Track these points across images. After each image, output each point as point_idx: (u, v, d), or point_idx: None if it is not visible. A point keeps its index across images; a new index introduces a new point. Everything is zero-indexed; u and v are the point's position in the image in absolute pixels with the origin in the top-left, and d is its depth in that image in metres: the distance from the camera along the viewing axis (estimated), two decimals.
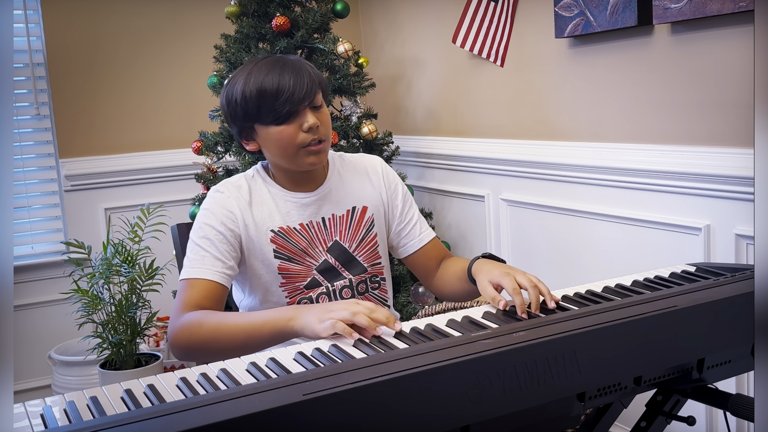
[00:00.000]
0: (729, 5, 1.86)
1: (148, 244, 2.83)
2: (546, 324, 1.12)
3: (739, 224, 1.97)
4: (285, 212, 1.60)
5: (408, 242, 1.72)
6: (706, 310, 1.19)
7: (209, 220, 1.55)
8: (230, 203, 1.57)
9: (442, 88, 3.14)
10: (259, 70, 1.51)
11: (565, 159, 2.48)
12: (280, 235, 1.59)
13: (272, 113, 1.49)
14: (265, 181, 1.62)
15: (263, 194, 1.61)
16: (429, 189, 3.26)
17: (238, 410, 0.86)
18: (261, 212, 1.59)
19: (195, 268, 1.51)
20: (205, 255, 1.52)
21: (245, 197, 1.59)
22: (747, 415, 1.23)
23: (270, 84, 1.49)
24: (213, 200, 1.58)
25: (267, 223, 1.58)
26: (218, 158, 2.88)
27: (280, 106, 1.48)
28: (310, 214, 1.62)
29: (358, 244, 1.65)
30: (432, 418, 0.96)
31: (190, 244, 1.56)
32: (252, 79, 1.50)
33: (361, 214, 1.66)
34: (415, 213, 1.74)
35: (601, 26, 2.23)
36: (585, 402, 1.10)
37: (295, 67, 1.52)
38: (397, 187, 1.72)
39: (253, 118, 1.52)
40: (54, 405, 0.99)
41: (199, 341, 1.40)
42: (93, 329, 2.84)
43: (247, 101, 1.50)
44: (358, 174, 1.70)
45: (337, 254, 1.63)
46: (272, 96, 1.48)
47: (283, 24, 2.70)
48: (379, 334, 1.20)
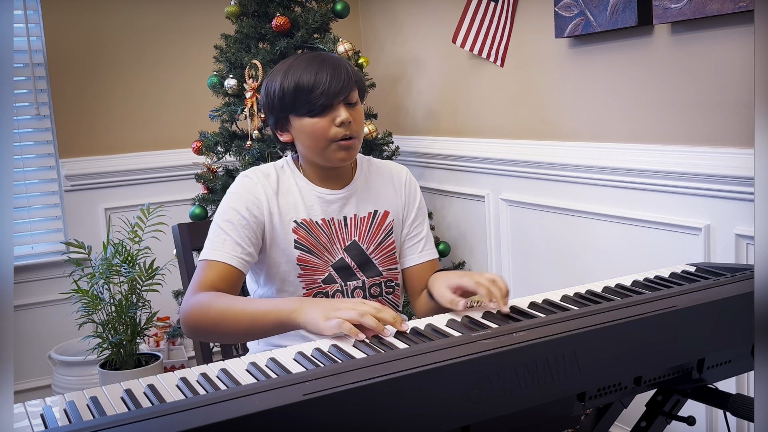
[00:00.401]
0: (729, 5, 1.86)
1: (148, 244, 2.83)
2: (546, 324, 1.12)
3: (739, 224, 1.97)
4: (309, 205, 1.62)
5: (408, 255, 1.72)
6: (706, 310, 1.19)
7: (235, 204, 1.58)
8: (257, 189, 1.59)
9: (442, 88, 3.14)
10: (299, 64, 1.56)
11: (565, 159, 2.48)
12: (303, 227, 1.61)
13: (307, 105, 1.53)
14: (294, 173, 1.65)
15: (290, 185, 1.63)
16: (429, 189, 3.25)
17: (238, 410, 0.86)
18: (286, 202, 1.61)
19: (215, 250, 1.54)
20: (226, 238, 1.54)
21: (273, 185, 1.61)
22: (747, 415, 1.23)
23: (308, 77, 1.53)
24: (241, 184, 1.61)
25: (291, 214, 1.61)
26: (218, 158, 2.87)
27: (316, 98, 1.52)
28: (333, 211, 1.64)
29: (375, 248, 1.66)
30: (432, 418, 0.96)
31: (213, 226, 1.58)
32: (291, 72, 1.55)
33: (382, 218, 1.68)
34: (425, 230, 1.74)
35: (601, 26, 2.23)
36: (585, 402, 1.10)
37: (333, 64, 1.56)
38: (416, 199, 1.74)
39: (289, 109, 1.56)
40: (54, 405, 0.99)
41: (208, 322, 1.43)
42: (93, 329, 2.84)
43: (285, 93, 1.55)
44: (384, 179, 1.72)
45: (354, 254, 1.64)
46: (309, 89, 1.53)
47: (283, 24, 2.70)
48: (387, 336, 1.19)
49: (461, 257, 3.11)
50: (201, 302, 1.46)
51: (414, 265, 1.71)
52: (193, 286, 1.51)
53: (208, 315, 1.44)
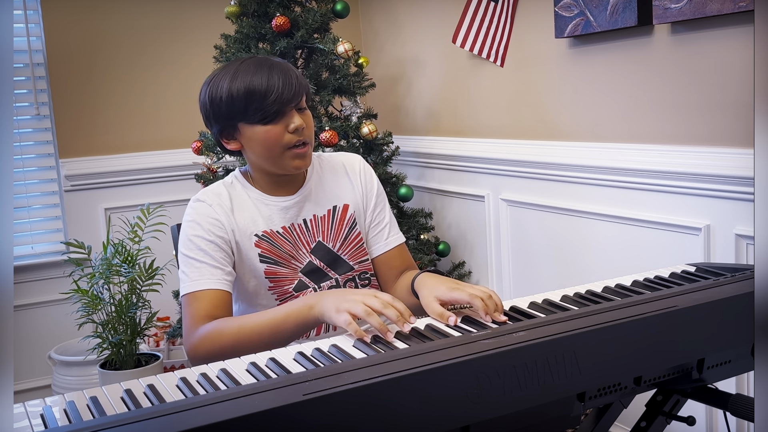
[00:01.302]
0: (729, 5, 1.86)
1: (148, 244, 2.83)
2: (546, 324, 1.12)
3: (739, 224, 1.97)
4: (267, 216, 1.58)
5: (374, 245, 1.68)
6: (706, 310, 1.19)
7: (196, 231, 1.53)
8: (213, 211, 1.55)
9: (442, 88, 3.14)
10: (246, 69, 1.50)
11: (565, 159, 2.48)
12: (265, 239, 1.57)
13: (260, 112, 1.48)
14: (245, 186, 1.61)
15: (243, 200, 1.59)
16: (429, 189, 3.25)
17: (238, 410, 0.86)
18: (243, 218, 1.57)
19: (195, 281, 1.49)
20: (201, 266, 1.50)
21: (226, 204, 1.57)
22: (747, 415, 1.23)
23: (259, 83, 1.48)
24: (196, 211, 1.56)
25: (250, 228, 1.56)
26: (218, 158, 2.87)
27: (269, 105, 1.48)
28: (292, 217, 1.60)
29: (342, 243, 1.63)
30: (432, 418, 0.96)
31: (183, 259, 1.53)
32: (240, 77, 1.49)
33: (343, 212, 1.65)
34: (387, 215, 1.70)
35: (601, 26, 2.23)
36: (585, 402, 1.10)
37: (282, 69, 1.51)
38: (373, 186, 1.69)
39: (239, 117, 1.51)
40: (54, 405, 0.99)
41: (223, 349, 1.37)
42: (93, 329, 2.84)
43: (234, 99, 1.49)
44: (337, 173, 1.68)
45: (322, 255, 1.61)
46: (261, 95, 1.47)
47: (283, 24, 2.70)
48: (389, 338, 1.19)
49: (461, 257, 3.11)
50: (208, 332, 1.41)
51: (381, 254, 1.68)
52: (188, 324, 1.46)
53: (222, 341, 1.39)
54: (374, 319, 1.21)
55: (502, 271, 2.85)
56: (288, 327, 1.36)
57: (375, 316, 1.21)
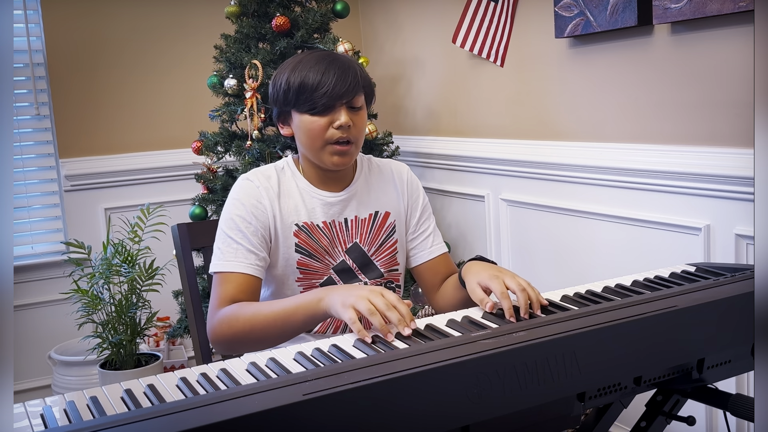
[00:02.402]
0: (729, 5, 1.86)
1: (148, 244, 2.83)
2: (546, 324, 1.12)
3: (739, 224, 1.97)
4: (310, 208, 1.61)
5: (418, 252, 1.71)
6: (706, 310, 1.19)
7: (240, 211, 1.56)
8: (260, 193, 1.58)
9: (442, 88, 3.14)
10: (309, 61, 1.56)
11: (565, 159, 2.48)
12: (304, 230, 1.60)
13: (309, 102, 1.52)
14: (294, 174, 1.64)
15: (291, 187, 1.62)
16: (429, 189, 3.25)
17: (238, 410, 0.86)
18: (288, 205, 1.60)
19: (229, 261, 1.53)
20: (237, 247, 1.54)
21: (274, 188, 1.60)
22: (747, 415, 1.23)
23: (314, 75, 1.52)
24: (242, 190, 1.59)
25: (292, 217, 1.60)
26: (218, 158, 2.87)
27: (318, 97, 1.51)
28: (334, 214, 1.63)
29: (377, 249, 1.66)
30: (432, 418, 0.96)
31: (221, 235, 1.56)
32: (300, 68, 1.54)
33: (383, 219, 1.67)
34: (431, 225, 1.74)
35: (601, 26, 2.23)
36: (585, 402, 1.10)
37: (343, 65, 1.55)
38: (419, 197, 1.73)
39: (292, 104, 1.56)
40: (54, 405, 0.99)
41: (238, 333, 1.44)
42: (93, 329, 2.84)
43: (290, 87, 1.54)
44: (384, 179, 1.71)
45: (356, 256, 1.64)
46: (312, 87, 1.52)
47: (283, 24, 2.70)
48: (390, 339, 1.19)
49: (461, 257, 3.11)
50: (227, 316, 1.46)
51: (426, 261, 1.71)
52: (214, 303, 1.51)
53: (237, 326, 1.44)
54: (376, 319, 1.22)
55: None
56: (297, 318, 1.38)
57: (377, 316, 1.22)
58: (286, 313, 1.39)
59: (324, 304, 1.33)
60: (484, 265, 1.46)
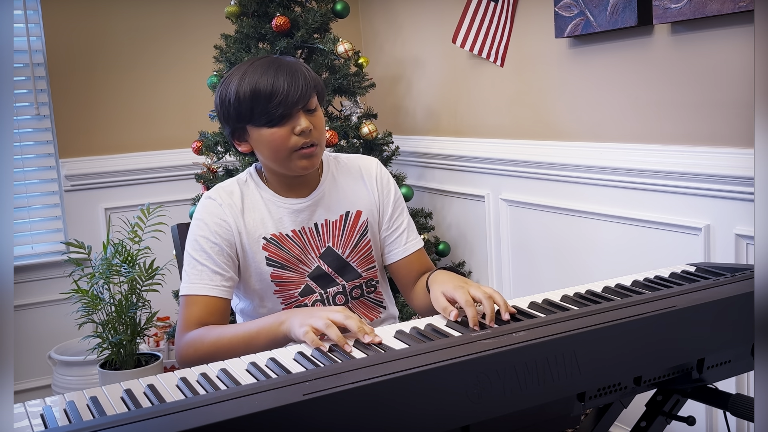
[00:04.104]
0: (729, 5, 1.86)
1: (148, 244, 2.83)
2: (546, 324, 1.12)
3: (739, 224, 1.97)
4: (277, 218, 1.58)
5: (392, 250, 1.67)
6: (706, 310, 1.19)
7: (203, 232, 1.54)
8: (222, 211, 1.55)
9: (442, 88, 3.14)
10: (254, 70, 1.49)
11: (565, 159, 2.48)
12: (273, 242, 1.57)
13: (265, 115, 1.47)
14: (258, 185, 1.60)
15: (255, 200, 1.58)
16: (429, 189, 3.25)
17: (238, 410, 0.86)
18: (253, 219, 1.56)
19: (194, 283, 1.51)
20: (202, 269, 1.51)
21: (237, 204, 1.56)
22: (747, 415, 1.23)
23: (264, 85, 1.46)
24: (205, 209, 1.56)
25: (259, 230, 1.56)
26: (218, 158, 2.87)
27: (274, 108, 1.46)
28: (303, 220, 1.59)
29: (351, 250, 1.62)
30: (432, 418, 0.96)
31: (187, 257, 1.54)
32: (246, 80, 1.48)
33: (355, 219, 1.63)
34: (405, 220, 1.69)
35: (601, 26, 2.23)
36: (585, 402, 1.10)
37: (290, 69, 1.49)
38: (390, 191, 1.67)
39: (246, 119, 1.50)
40: (54, 405, 0.99)
41: (203, 357, 1.40)
42: (93, 329, 2.84)
43: (241, 102, 1.48)
44: (353, 176, 1.67)
45: (330, 260, 1.61)
46: (266, 98, 1.46)
47: (283, 24, 2.70)
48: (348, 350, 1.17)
49: (461, 257, 3.11)
50: (193, 339, 1.45)
51: (400, 259, 1.67)
52: (180, 326, 1.50)
53: (202, 350, 1.43)
54: (332, 330, 1.20)
55: (502, 271, 2.85)
56: (260, 342, 1.36)
57: (333, 328, 1.20)
58: (249, 336, 1.38)
59: (284, 327, 1.32)
60: (450, 276, 1.44)
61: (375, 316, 1.68)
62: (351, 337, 1.21)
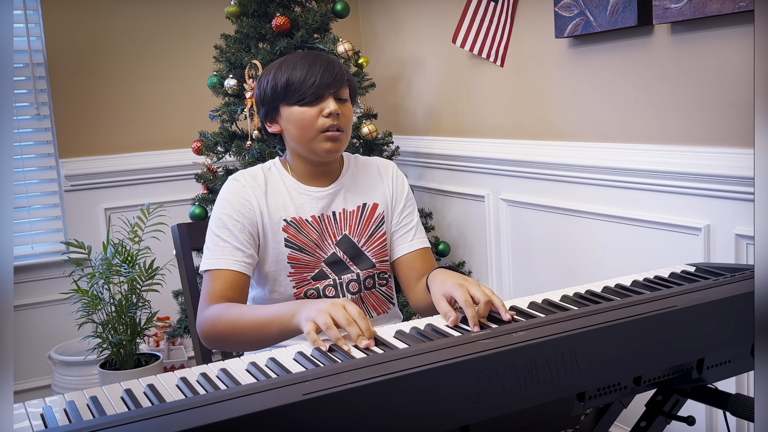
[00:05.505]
0: (729, 5, 1.86)
1: (148, 244, 2.83)
2: (546, 324, 1.12)
3: (739, 224, 1.97)
4: (299, 204, 1.64)
5: (398, 245, 1.72)
6: (706, 310, 1.20)
7: (227, 210, 1.60)
8: (246, 192, 1.61)
9: (442, 88, 3.14)
10: (293, 58, 1.60)
11: (565, 159, 2.48)
12: (293, 225, 1.62)
13: (298, 93, 1.56)
14: (281, 173, 1.67)
15: (278, 185, 1.65)
16: (429, 189, 3.25)
17: (238, 410, 0.86)
18: (275, 202, 1.63)
19: (216, 258, 1.57)
20: (225, 245, 1.57)
21: (261, 186, 1.63)
22: (747, 415, 1.23)
23: (300, 68, 1.57)
24: (229, 190, 1.63)
25: (280, 213, 1.62)
26: (218, 158, 2.87)
27: (307, 88, 1.55)
28: (323, 208, 1.65)
29: (366, 240, 1.68)
30: (432, 418, 0.96)
31: (210, 235, 1.60)
32: (285, 65, 1.59)
33: (371, 210, 1.70)
34: (414, 219, 1.75)
35: (601, 26, 2.23)
36: (585, 402, 1.10)
37: (327, 60, 1.59)
38: (404, 190, 1.76)
39: (280, 98, 1.59)
40: (54, 405, 0.99)
41: (220, 334, 1.48)
42: (93, 329, 2.84)
43: (277, 83, 1.58)
44: (371, 174, 1.74)
45: (346, 248, 1.66)
46: (300, 79, 1.55)
47: (283, 24, 2.70)
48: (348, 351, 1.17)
49: (461, 257, 3.11)
50: (213, 315, 1.50)
51: (405, 254, 1.71)
52: (203, 300, 1.54)
53: (220, 327, 1.48)
54: (332, 333, 1.22)
55: (502, 271, 2.85)
56: (272, 330, 1.40)
57: (334, 330, 1.22)
58: (264, 323, 1.41)
59: (295, 320, 1.34)
60: (449, 274, 1.45)
61: (384, 310, 1.72)
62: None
